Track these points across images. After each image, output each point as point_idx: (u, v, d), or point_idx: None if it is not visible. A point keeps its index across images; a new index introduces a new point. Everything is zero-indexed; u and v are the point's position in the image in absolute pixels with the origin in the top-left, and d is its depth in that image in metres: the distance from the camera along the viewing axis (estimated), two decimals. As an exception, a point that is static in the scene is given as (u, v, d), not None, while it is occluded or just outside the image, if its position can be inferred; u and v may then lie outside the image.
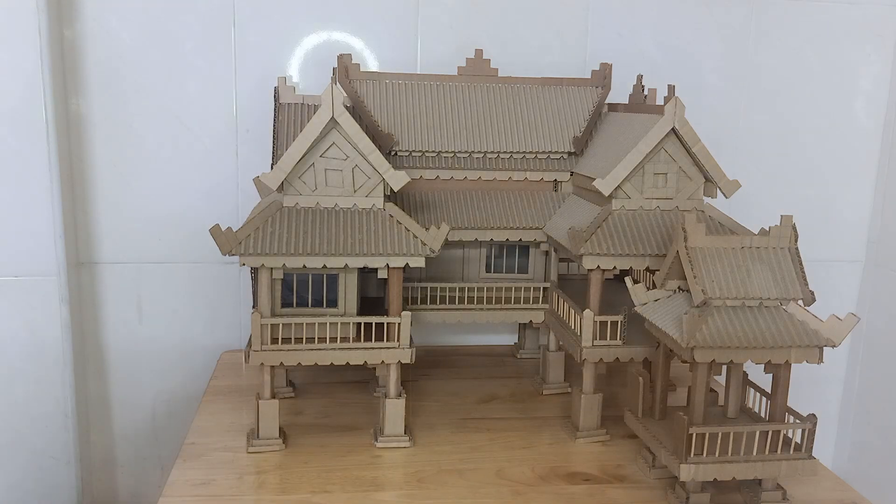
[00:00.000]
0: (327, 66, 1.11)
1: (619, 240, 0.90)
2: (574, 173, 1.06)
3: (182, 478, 0.85)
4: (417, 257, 0.88)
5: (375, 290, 1.08)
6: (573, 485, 0.85)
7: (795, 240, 0.77)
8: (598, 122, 1.09)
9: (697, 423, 0.75)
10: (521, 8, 1.30)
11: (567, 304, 0.99)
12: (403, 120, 1.04)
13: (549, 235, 1.02)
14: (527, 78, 1.10)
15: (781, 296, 0.75)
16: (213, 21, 1.22)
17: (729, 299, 0.74)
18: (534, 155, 1.06)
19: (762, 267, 0.75)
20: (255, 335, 0.88)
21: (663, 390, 0.84)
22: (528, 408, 1.06)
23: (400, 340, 0.91)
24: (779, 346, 0.73)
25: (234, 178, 1.28)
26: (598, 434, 0.96)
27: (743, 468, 0.75)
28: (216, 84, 1.25)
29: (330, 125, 0.87)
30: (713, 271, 0.75)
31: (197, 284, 1.31)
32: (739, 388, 0.83)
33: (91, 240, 1.26)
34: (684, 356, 0.75)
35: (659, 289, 0.83)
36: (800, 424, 0.77)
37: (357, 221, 0.89)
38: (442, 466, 0.89)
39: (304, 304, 0.92)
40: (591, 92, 1.11)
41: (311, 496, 0.82)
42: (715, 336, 0.72)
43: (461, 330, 1.32)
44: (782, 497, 0.79)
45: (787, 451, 0.77)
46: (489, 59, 1.10)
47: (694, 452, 0.75)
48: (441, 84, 1.08)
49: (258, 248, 0.85)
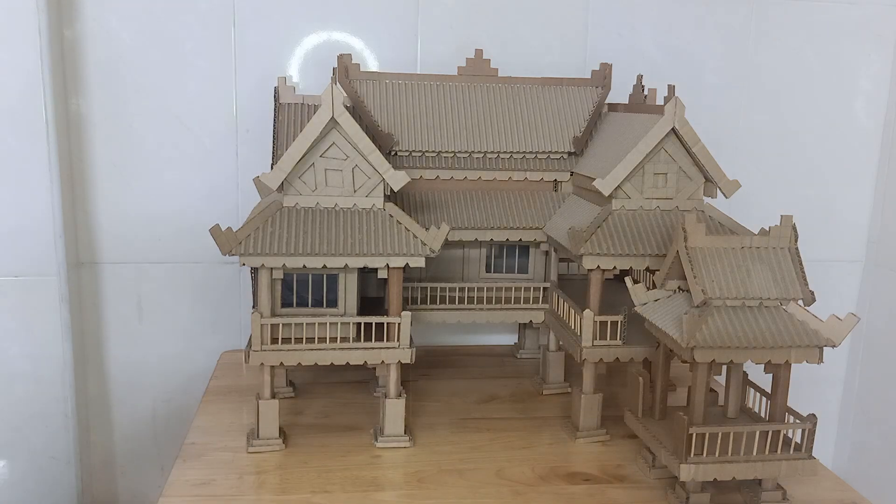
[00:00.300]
0: (327, 66, 1.11)
1: (619, 240, 0.90)
2: (574, 173, 1.06)
3: (182, 478, 0.85)
4: (417, 257, 0.88)
5: (375, 290, 1.08)
6: (573, 485, 0.85)
7: (795, 240, 0.77)
8: (598, 121, 1.09)
9: (697, 423, 0.75)
10: (520, 8, 1.30)
11: (567, 304, 0.99)
12: (403, 120, 1.05)
13: (549, 235, 1.02)
14: (527, 78, 1.10)
15: (781, 296, 0.75)
16: (213, 21, 1.22)
17: (729, 299, 0.74)
18: (534, 155, 1.06)
19: (762, 267, 0.75)
20: (255, 335, 0.88)
21: (663, 390, 0.84)
22: (528, 408, 1.06)
23: (400, 340, 0.91)
24: (779, 346, 0.73)
25: (234, 178, 1.28)
26: (598, 434, 0.96)
27: (743, 468, 0.75)
28: (216, 84, 1.25)
29: (330, 125, 0.87)
30: (713, 271, 0.75)
31: (197, 284, 1.31)
32: (739, 388, 0.83)
33: (91, 240, 1.26)
34: (684, 356, 0.75)
35: (659, 289, 0.83)
36: (800, 424, 0.77)
37: (357, 221, 0.89)
38: (442, 466, 0.89)
39: (304, 304, 0.92)
40: (591, 92, 1.11)
41: (311, 496, 0.82)
42: (715, 336, 0.72)
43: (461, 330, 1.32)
44: (782, 497, 0.79)
45: (787, 451, 0.77)
46: (489, 59, 1.10)
47: (694, 452, 0.75)
48: (441, 84, 1.08)
49: (258, 248, 0.85)
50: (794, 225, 0.77)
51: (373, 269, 0.90)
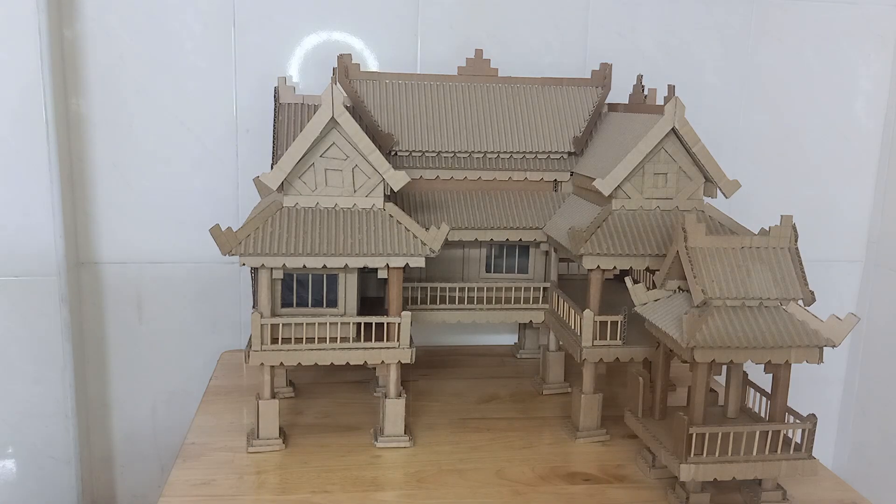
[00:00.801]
0: (327, 66, 1.12)
1: (619, 240, 0.90)
2: (574, 173, 1.06)
3: (182, 478, 0.85)
4: (417, 257, 0.88)
5: (375, 290, 1.08)
6: (573, 485, 0.86)
7: (795, 240, 0.77)
8: (598, 121, 1.09)
9: (697, 423, 0.75)
10: (521, 8, 1.30)
11: (567, 304, 0.99)
12: (403, 120, 1.05)
13: (549, 235, 1.02)
14: (527, 78, 1.10)
15: (781, 296, 0.75)
16: (213, 21, 1.23)
17: (729, 299, 0.74)
18: (534, 155, 1.07)
19: (762, 267, 0.75)
20: (255, 335, 0.88)
21: (663, 390, 0.84)
22: (528, 408, 1.07)
23: (400, 340, 0.91)
24: (779, 346, 0.73)
25: (234, 178, 1.28)
26: (598, 434, 0.96)
27: (743, 468, 0.76)
28: (216, 84, 1.25)
29: (330, 125, 0.87)
30: (713, 271, 0.75)
31: (197, 284, 1.31)
32: (739, 388, 0.83)
33: (91, 240, 1.26)
34: (684, 356, 0.75)
35: (659, 289, 0.83)
36: (800, 424, 0.77)
37: (357, 221, 0.89)
38: (442, 466, 0.89)
39: (304, 304, 0.92)
40: (591, 92, 1.11)
41: (311, 496, 0.82)
42: (715, 336, 0.72)
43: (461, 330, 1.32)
44: (782, 497, 0.79)
45: (787, 451, 0.77)
46: (489, 59, 1.10)
47: (694, 452, 0.75)
48: (441, 84, 1.09)
49: (258, 248, 0.85)
50: (794, 225, 0.77)
51: (373, 270, 0.90)
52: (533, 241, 1.06)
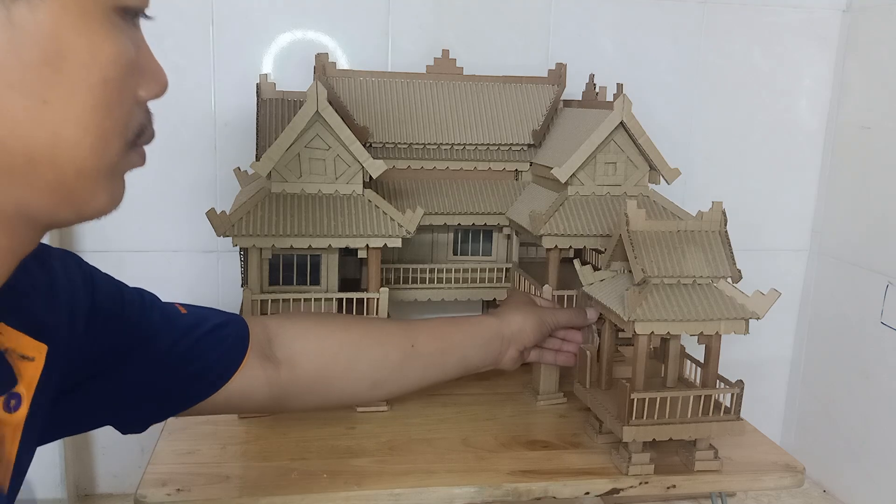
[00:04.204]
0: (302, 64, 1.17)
1: (574, 222, 0.97)
2: (533, 163, 1.13)
3: (168, 448, 0.88)
4: (395, 238, 0.94)
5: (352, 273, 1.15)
6: (533, 451, 0.90)
7: (725, 224, 0.84)
8: (555, 116, 1.15)
9: (638, 390, 0.82)
10: (486, 10, 1.37)
11: (528, 280, 1.06)
12: (377, 114, 1.10)
13: (511, 220, 1.09)
14: (489, 76, 1.16)
15: (712, 274, 0.82)
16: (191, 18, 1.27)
17: (666, 277, 0.81)
18: (496, 146, 1.13)
19: (695, 248, 0.82)
20: (246, 309, 0.93)
21: (609, 363, 0.91)
22: (492, 384, 1.10)
23: (379, 315, 0.97)
24: (710, 318, 0.80)
25: (212, 170, 1.33)
26: (556, 397, 1.02)
27: (679, 429, 0.82)
28: (195, 79, 1.30)
29: (314, 118, 0.92)
30: (652, 252, 0.81)
31: (177, 273, 1.36)
32: (677, 360, 0.90)
33: (70, 229, 1.30)
34: (627, 329, 0.82)
35: (604, 269, 0.90)
36: (729, 389, 0.84)
37: (339, 206, 0.95)
38: (412, 436, 0.93)
39: (290, 283, 0.97)
40: (548, 90, 1.18)
41: (290, 462, 0.85)
42: (653, 310, 0.79)
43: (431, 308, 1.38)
44: (714, 456, 0.86)
45: (718, 414, 0.85)
46: (455, 59, 1.16)
47: (635, 416, 0.81)
48: (411, 82, 1.14)
49: (249, 230, 0.90)
50: (724, 210, 0.84)
51: (352, 252, 0.97)
52: (496, 225, 1.12)
